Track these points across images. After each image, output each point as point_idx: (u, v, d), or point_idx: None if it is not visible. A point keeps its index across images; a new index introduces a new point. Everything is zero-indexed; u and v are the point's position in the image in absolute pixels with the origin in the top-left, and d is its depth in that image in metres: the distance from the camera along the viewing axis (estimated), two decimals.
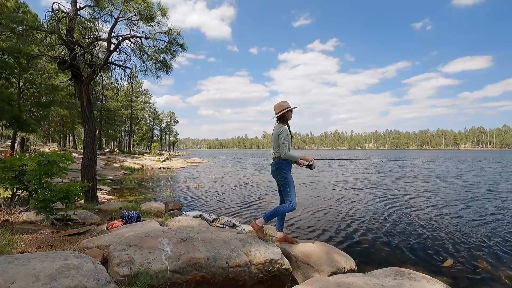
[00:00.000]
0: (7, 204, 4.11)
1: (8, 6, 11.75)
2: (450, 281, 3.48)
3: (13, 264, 1.82)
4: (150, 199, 8.51)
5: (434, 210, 7.33)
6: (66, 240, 3.19)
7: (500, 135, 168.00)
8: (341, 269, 3.18)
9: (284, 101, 3.38)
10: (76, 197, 4.18)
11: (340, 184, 12.72)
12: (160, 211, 6.20)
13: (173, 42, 6.98)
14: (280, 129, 3.26)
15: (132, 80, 8.83)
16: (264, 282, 2.78)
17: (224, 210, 7.49)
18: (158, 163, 25.53)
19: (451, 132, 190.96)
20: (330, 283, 2.33)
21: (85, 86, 6.56)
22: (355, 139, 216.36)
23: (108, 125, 36.87)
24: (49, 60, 7.91)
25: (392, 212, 7.13)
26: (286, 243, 3.45)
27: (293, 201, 3.18)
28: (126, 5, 6.24)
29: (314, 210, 7.45)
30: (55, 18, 6.19)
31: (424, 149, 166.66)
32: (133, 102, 43.54)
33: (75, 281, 1.76)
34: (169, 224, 4.42)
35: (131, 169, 20.49)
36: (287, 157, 3.20)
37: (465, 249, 4.57)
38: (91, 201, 6.41)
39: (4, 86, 11.54)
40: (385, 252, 4.54)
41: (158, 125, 64.27)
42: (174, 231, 3.07)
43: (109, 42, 6.55)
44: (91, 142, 6.62)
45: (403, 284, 2.39)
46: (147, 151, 48.29)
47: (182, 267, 2.35)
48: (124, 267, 2.21)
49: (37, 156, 4.18)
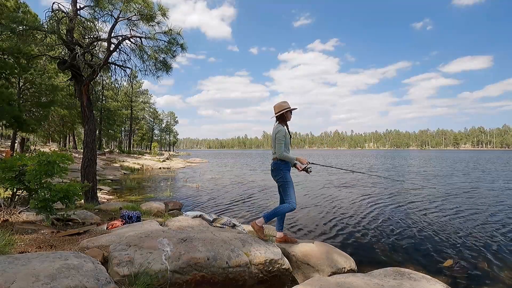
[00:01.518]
0: (7, 204, 4.11)
1: (8, 6, 11.75)
2: (450, 281, 3.48)
3: (13, 264, 1.82)
4: (150, 199, 8.51)
5: (434, 210, 7.32)
6: (66, 240, 3.19)
7: (500, 135, 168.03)
8: (341, 269, 3.18)
9: (284, 102, 3.38)
10: (76, 197, 4.17)
11: (340, 185, 12.72)
12: (160, 211, 6.20)
13: (173, 42, 6.98)
14: (277, 129, 3.26)
15: (132, 80, 8.83)
16: (264, 282, 2.78)
17: (224, 210, 7.49)
18: (158, 163, 25.52)
19: (451, 132, 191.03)
20: (330, 283, 2.33)
21: (85, 86, 6.56)
22: (355, 139, 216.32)
23: (108, 125, 36.85)
24: (49, 60, 7.91)
25: (392, 212, 7.13)
26: (286, 243, 3.45)
27: (293, 201, 3.17)
28: (126, 5, 6.23)
29: (314, 210, 7.45)
30: (55, 18, 6.19)
31: (424, 149, 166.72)
32: (133, 102, 43.54)
33: (75, 281, 1.76)
34: (169, 224, 4.41)
35: (131, 169, 20.49)
36: (282, 157, 3.20)
37: (465, 249, 4.57)
38: (91, 201, 6.41)
39: (4, 86, 11.53)
40: (385, 252, 4.54)
41: (158, 125, 64.29)
42: (174, 231, 3.07)
43: (109, 42, 6.55)
44: (91, 142, 6.62)
45: (403, 284, 2.39)
46: (147, 151, 48.28)
47: (182, 267, 2.35)
48: (124, 267, 2.20)
49: (37, 156, 4.18)
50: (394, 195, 9.56)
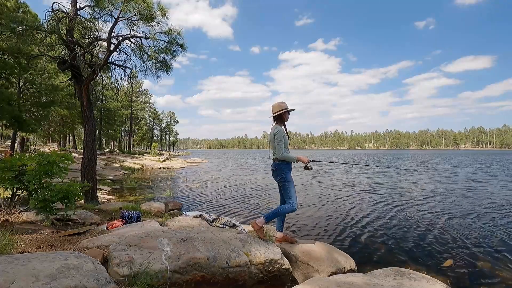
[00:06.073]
0: (7, 204, 4.10)
1: (8, 6, 11.75)
2: (450, 281, 3.48)
3: (13, 264, 1.82)
4: (150, 199, 8.51)
5: (434, 210, 7.32)
6: (66, 240, 3.19)
7: (500, 135, 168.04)
8: (341, 269, 3.18)
9: (282, 102, 3.38)
10: (76, 197, 4.17)
11: (340, 184, 12.72)
12: (160, 211, 6.20)
13: (173, 42, 6.98)
14: (275, 130, 3.26)
15: (132, 80, 8.83)
16: (264, 282, 2.78)
17: (224, 210, 7.49)
18: (158, 163, 25.52)
19: (451, 132, 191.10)
20: (330, 283, 2.33)
21: (85, 86, 6.56)
22: (355, 139, 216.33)
23: (108, 125, 36.88)
24: (49, 60, 7.91)
25: (392, 212, 7.12)
26: (286, 243, 3.45)
27: (294, 202, 3.17)
28: (126, 5, 6.23)
29: (314, 210, 7.45)
30: (55, 18, 6.19)
31: (424, 149, 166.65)
32: (133, 102, 43.56)
33: (75, 281, 1.76)
34: (169, 224, 4.42)
35: (131, 169, 20.49)
36: (283, 158, 3.20)
37: (465, 249, 4.57)
38: (91, 201, 6.41)
39: (4, 86, 11.55)
40: (385, 252, 4.54)
41: (158, 125, 64.28)
42: (174, 231, 3.07)
43: (109, 42, 6.55)
44: (91, 142, 6.62)
45: (403, 284, 2.39)
46: (147, 151, 48.27)
47: (182, 267, 2.35)
48: (124, 267, 2.20)
49: (37, 156, 4.18)
50: (394, 195, 9.55)
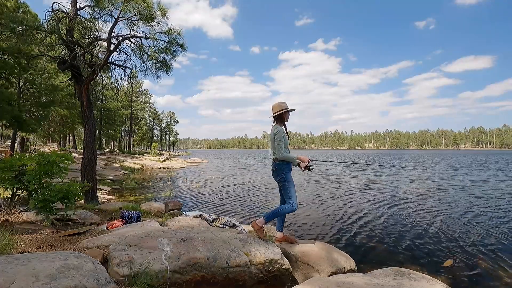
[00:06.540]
0: (7, 204, 4.10)
1: (8, 6, 11.74)
2: (450, 281, 3.48)
3: (13, 264, 1.82)
4: (150, 199, 8.51)
5: (434, 210, 7.32)
6: (66, 240, 3.19)
7: (500, 135, 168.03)
8: (341, 269, 3.18)
9: (282, 102, 3.38)
10: (76, 197, 4.17)
11: (340, 184, 12.72)
12: (160, 211, 6.20)
13: (173, 42, 6.97)
14: (276, 130, 3.26)
15: (132, 80, 8.83)
16: (264, 282, 2.77)
17: (224, 210, 7.49)
18: (158, 163, 25.51)
19: (451, 132, 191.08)
20: (330, 283, 2.33)
21: (85, 86, 6.56)
22: (355, 139, 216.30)
23: (108, 125, 36.87)
24: (49, 60, 7.91)
25: (392, 212, 7.12)
26: (286, 243, 3.45)
27: (294, 202, 3.16)
28: (126, 5, 6.23)
29: (314, 210, 7.45)
30: (55, 18, 6.19)
31: (424, 149, 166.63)
32: (133, 102, 43.55)
33: (75, 281, 1.76)
34: (169, 224, 4.42)
35: (131, 169, 20.48)
36: (283, 158, 3.19)
37: (465, 249, 4.57)
38: (91, 201, 6.41)
39: (4, 86, 11.55)
40: (385, 252, 4.54)
41: (158, 125, 64.28)
42: (174, 231, 3.07)
43: (109, 42, 6.54)
44: (91, 142, 6.61)
45: (403, 284, 2.39)
46: (147, 151, 48.26)
47: (182, 267, 2.35)
48: (124, 267, 2.20)
49: (37, 156, 4.18)
50: (394, 195, 9.55)
